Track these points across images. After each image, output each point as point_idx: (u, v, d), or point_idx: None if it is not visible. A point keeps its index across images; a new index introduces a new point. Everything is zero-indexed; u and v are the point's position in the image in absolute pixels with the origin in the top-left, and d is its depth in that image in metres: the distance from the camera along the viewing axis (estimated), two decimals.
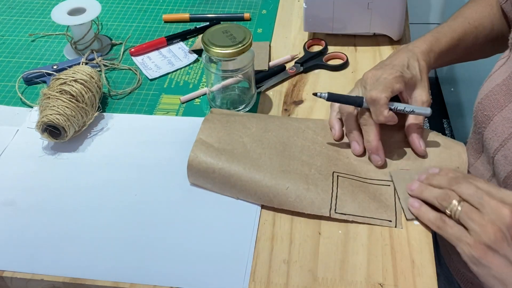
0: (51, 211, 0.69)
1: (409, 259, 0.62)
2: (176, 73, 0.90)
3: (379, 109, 0.67)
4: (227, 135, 0.72)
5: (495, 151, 0.66)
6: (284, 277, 0.61)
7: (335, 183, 0.68)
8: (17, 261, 0.63)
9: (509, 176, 0.64)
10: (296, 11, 1.03)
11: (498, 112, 0.66)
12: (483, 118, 0.69)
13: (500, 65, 0.70)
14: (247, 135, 0.72)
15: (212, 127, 0.73)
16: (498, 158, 0.66)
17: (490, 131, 0.67)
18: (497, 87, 0.68)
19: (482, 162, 0.72)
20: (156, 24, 1.01)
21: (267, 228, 0.66)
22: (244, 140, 0.72)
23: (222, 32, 0.75)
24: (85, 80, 0.78)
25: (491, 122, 0.67)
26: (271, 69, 0.88)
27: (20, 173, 0.74)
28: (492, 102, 0.68)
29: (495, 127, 0.67)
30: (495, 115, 0.67)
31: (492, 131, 0.67)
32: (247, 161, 0.69)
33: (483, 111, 0.69)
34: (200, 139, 0.71)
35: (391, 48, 0.92)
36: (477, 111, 0.70)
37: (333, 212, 0.65)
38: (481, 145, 0.71)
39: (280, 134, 0.73)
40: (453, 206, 0.59)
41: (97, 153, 0.76)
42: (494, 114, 0.67)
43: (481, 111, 0.69)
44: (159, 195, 0.70)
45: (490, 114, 0.68)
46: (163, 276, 0.61)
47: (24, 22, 1.02)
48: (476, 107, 0.70)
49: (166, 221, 0.67)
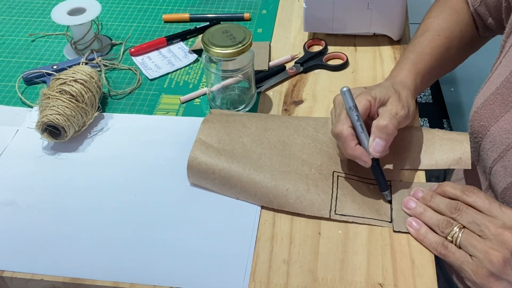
0: (51, 211, 0.69)
1: (409, 259, 0.62)
2: (176, 73, 0.90)
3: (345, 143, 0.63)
4: (227, 135, 0.72)
5: (494, 162, 0.66)
6: (284, 277, 0.61)
7: (335, 184, 0.68)
8: (17, 261, 0.63)
9: (509, 187, 0.64)
10: (296, 11, 1.03)
11: (494, 123, 0.66)
12: (480, 129, 0.68)
13: (493, 71, 0.70)
14: (247, 135, 0.72)
15: (212, 127, 0.73)
16: (497, 169, 0.65)
17: (487, 142, 0.67)
18: (491, 96, 0.67)
19: (475, 174, 0.71)
20: (156, 24, 1.01)
21: (267, 228, 0.66)
22: (243, 140, 0.72)
23: (222, 32, 0.75)
24: (85, 80, 0.78)
25: (488, 133, 0.67)
26: (271, 69, 0.88)
27: (20, 173, 0.74)
28: (488, 112, 0.67)
29: (492, 138, 0.66)
30: (492, 126, 0.66)
31: (489, 142, 0.66)
32: (247, 162, 0.68)
33: (479, 121, 0.68)
34: (200, 139, 0.71)
35: (391, 48, 0.92)
36: (473, 120, 0.69)
37: (333, 213, 0.65)
38: (476, 155, 0.71)
39: (280, 132, 0.73)
40: (454, 232, 0.59)
41: (97, 153, 0.76)
42: (490, 125, 0.67)
43: (477, 121, 0.68)
44: (159, 195, 0.70)
45: (487, 124, 0.67)
46: (163, 276, 0.61)
47: (24, 22, 1.02)
48: (472, 116, 0.70)
49: (166, 221, 0.67)
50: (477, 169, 0.74)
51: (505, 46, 0.69)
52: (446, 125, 1.96)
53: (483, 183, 0.70)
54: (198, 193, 0.70)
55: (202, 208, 0.68)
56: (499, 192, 0.65)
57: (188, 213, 0.68)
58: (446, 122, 1.97)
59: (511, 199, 0.65)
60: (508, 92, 0.65)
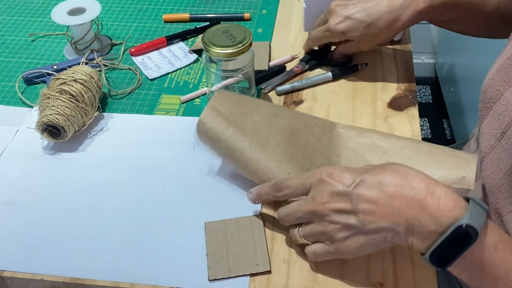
0: (51, 211, 0.69)
1: (409, 259, 0.62)
2: (176, 73, 0.90)
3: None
4: (239, 109, 0.71)
5: (507, 126, 0.65)
6: (284, 277, 0.61)
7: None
8: (17, 261, 0.63)
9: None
10: (296, 11, 1.03)
11: (509, 87, 0.65)
12: (493, 93, 0.66)
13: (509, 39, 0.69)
14: (258, 115, 0.71)
15: (226, 97, 0.71)
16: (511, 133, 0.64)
17: (501, 106, 0.65)
18: (508, 61, 0.66)
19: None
20: (156, 24, 1.01)
21: (267, 228, 0.66)
22: (254, 118, 0.70)
23: (222, 32, 0.75)
24: (85, 80, 0.78)
25: (502, 97, 0.65)
26: (271, 68, 0.88)
27: (20, 173, 0.74)
28: (503, 77, 0.66)
29: (506, 101, 0.65)
30: (506, 90, 0.65)
31: (503, 105, 0.65)
32: (254, 138, 0.68)
33: (493, 86, 0.67)
34: (212, 106, 0.69)
35: (391, 48, 0.92)
36: (487, 87, 0.68)
37: None
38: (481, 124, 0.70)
39: (290, 123, 0.72)
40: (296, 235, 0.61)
41: (97, 153, 0.76)
42: (505, 89, 0.65)
43: (491, 86, 0.67)
44: (159, 195, 0.70)
45: (501, 88, 0.65)
46: (163, 276, 0.61)
47: (24, 22, 1.02)
48: (486, 83, 0.68)
49: (166, 221, 0.67)
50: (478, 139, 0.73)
51: None
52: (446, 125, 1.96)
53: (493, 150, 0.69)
54: (199, 193, 0.70)
55: (202, 208, 0.68)
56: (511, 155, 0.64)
57: (188, 213, 0.68)
58: (446, 122, 1.97)
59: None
60: None
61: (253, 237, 0.64)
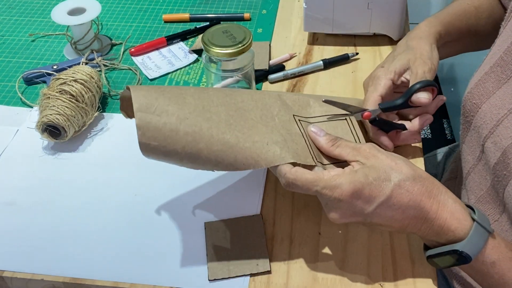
0: (51, 211, 0.69)
1: (409, 259, 0.62)
2: (176, 73, 0.90)
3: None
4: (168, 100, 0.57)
5: (485, 139, 0.66)
6: (284, 277, 0.61)
7: (302, 129, 0.61)
8: (17, 261, 0.63)
9: (499, 162, 0.64)
10: (296, 11, 1.03)
11: (486, 100, 0.66)
12: (472, 107, 0.68)
13: (488, 53, 0.70)
14: (189, 95, 0.59)
15: (145, 94, 0.57)
16: (488, 146, 0.65)
17: (478, 119, 0.67)
18: (485, 76, 0.68)
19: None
20: (156, 24, 1.01)
21: (267, 228, 0.66)
22: (189, 101, 0.58)
23: (222, 32, 0.75)
24: (85, 80, 0.78)
25: (480, 110, 0.67)
26: (271, 68, 0.88)
27: (20, 173, 0.74)
28: (481, 91, 0.67)
29: (483, 115, 0.66)
30: (484, 103, 0.66)
31: (480, 119, 0.67)
32: (211, 126, 0.57)
33: (471, 100, 0.68)
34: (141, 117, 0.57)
35: (391, 48, 0.92)
36: (466, 100, 0.70)
37: (316, 161, 0.59)
38: (464, 137, 0.72)
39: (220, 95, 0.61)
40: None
41: (97, 153, 0.76)
42: (482, 102, 0.67)
43: (470, 100, 0.69)
44: (159, 195, 0.70)
45: (479, 102, 0.67)
46: (163, 276, 0.61)
47: (24, 22, 1.02)
48: (466, 96, 0.70)
49: (166, 221, 0.67)
50: (462, 151, 0.74)
51: (503, 27, 0.70)
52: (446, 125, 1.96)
53: (474, 164, 0.71)
54: (199, 193, 0.70)
55: (202, 208, 0.68)
56: (491, 168, 0.66)
57: (188, 213, 0.68)
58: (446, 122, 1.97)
59: (501, 174, 0.64)
60: (501, 70, 0.66)
61: (253, 237, 0.64)
